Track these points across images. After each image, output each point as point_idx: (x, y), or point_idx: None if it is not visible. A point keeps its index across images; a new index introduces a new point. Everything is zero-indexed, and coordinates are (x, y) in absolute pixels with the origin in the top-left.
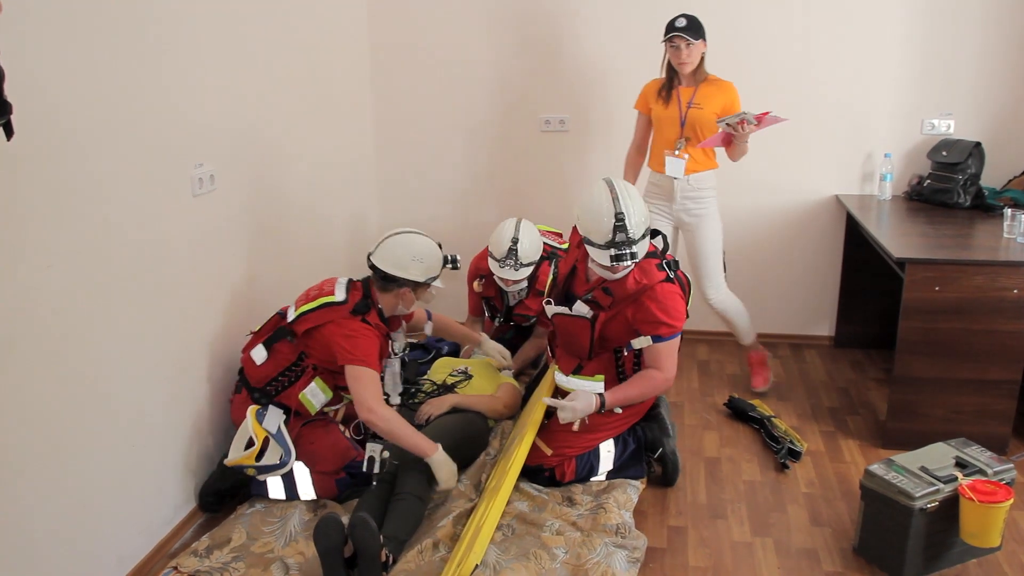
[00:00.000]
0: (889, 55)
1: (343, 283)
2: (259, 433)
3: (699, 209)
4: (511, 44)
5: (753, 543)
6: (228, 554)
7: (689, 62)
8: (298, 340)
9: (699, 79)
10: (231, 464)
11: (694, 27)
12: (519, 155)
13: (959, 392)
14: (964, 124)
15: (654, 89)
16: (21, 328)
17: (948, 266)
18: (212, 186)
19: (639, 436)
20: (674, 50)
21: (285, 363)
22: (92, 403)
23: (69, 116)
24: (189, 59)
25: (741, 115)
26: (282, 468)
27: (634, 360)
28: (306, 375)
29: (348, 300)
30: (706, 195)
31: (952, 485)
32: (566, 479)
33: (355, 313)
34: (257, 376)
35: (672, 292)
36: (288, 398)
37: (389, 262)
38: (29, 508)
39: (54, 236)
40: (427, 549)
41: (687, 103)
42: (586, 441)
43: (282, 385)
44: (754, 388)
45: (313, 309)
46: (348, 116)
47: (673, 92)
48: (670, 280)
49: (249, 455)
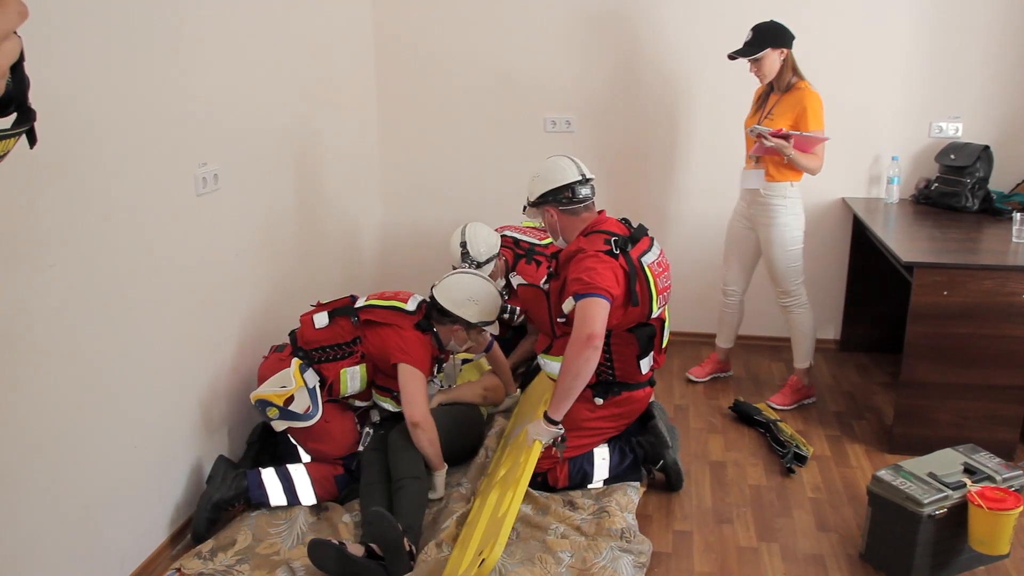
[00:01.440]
0: (897, 57)
1: (417, 299)
2: (298, 381)
3: (766, 217)
4: (516, 45)
5: (759, 548)
6: (232, 557)
7: (763, 75)
8: (360, 325)
9: (783, 88)
10: (256, 397)
11: (757, 41)
12: (524, 156)
13: (967, 397)
14: (972, 127)
15: (757, 95)
16: (24, 327)
17: (956, 270)
18: (216, 185)
19: (636, 449)
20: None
21: (340, 339)
22: (95, 403)
23: (72, 116)
24: (192, 58)
25: (755, 129)
26: (303, 421)
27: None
28: (354, 356)
29: (416, 314)
30: (776, 203)
31: (961, 492)
32: (559, 485)
33: (417, 327)
34: (311, 338)
35: (601, 260)
36: (328, 370)
37: (447, 297)
38: (32, 508)
39: (57, 235)
40: (431, 549)
41: (767, 113)
42: (573, 440)
43: (329, 356)
44: (771, 402)
45: (382, 307)
46: (352, 115)
47: (765, 100)
48: (611, 254)
49: (281, 394)
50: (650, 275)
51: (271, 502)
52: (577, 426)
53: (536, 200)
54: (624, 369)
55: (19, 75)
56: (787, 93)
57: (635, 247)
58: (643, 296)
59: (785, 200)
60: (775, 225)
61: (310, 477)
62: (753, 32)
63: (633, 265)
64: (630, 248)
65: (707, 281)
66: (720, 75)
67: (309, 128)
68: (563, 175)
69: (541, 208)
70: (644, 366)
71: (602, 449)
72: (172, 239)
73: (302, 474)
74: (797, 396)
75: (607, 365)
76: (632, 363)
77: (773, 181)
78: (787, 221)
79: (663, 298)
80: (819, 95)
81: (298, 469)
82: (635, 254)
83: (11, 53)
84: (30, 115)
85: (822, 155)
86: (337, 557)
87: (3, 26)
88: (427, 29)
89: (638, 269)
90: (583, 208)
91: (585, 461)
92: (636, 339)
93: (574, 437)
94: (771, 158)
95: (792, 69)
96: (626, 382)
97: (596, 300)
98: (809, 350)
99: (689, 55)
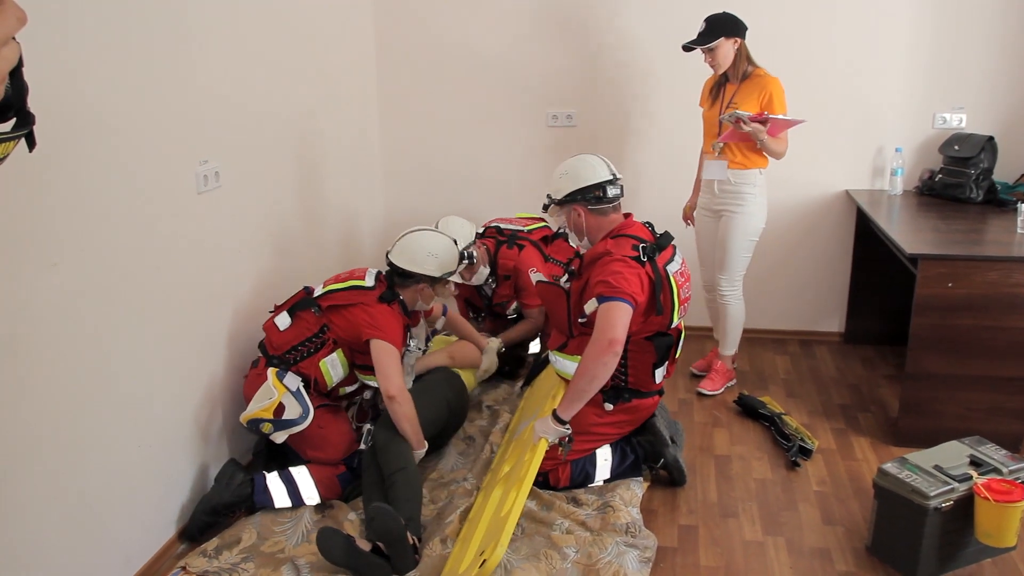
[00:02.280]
0: (899, 48)
1: (373, 272)
2: (279, 389)
3: (735, 204)
4: (518, 38)
5: (765, 542)
6: (237, 555)
7: (717, 64)
8: (322, 314)
9: (741, 76)
10: (246, 418)
11: (710, 31)
12: (526, 150)
13: (972, 389)
14: (976, 118)
15: (708, 87)
16: (27, 325)
17: (961, 262)
18: (217, 183)
19: (637, 449)
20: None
21: (307, 333)
22: (99, 401)
23: (73, 114)
24: (193, 56)
25: (733, 114)
26: (299, 425)
27: None
28: (327, 346)
29: (376, 288)
30: (746, 191)
31: (967, 484)
32: (561, 485)
33: (382, 300)
34: (278, 342)
35: (629, 265)
36: (307, 367)
37: (405, 258)
38: (36, 507)
39: (60, 233)
40: (435, 545)
41: (727, 102)
42: (578, 444)
43: (301, 354)
44: (701, 388)
45: (341, 289)
46: (353, 110)
47: (721, 91)
48: (638, 260)
49: (268, 407)
50: (675, 285)
51: (276, 505)
52: (584, 430)
53: (564, 198)
54: (638, 377)
55: (18, 80)
56: (745, 81)
57: (661, 255)
58: (667, 305)
59: (755, 188)
60: (743, 212)
61: (313, 478)
62: (706, 23)
63: (659, 274)
64: (657, 256)
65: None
66: None
67: (310, 125)
68: (594, 173)
69: (568, 207)
70: (659, 376)
71: (604, 450)
72: (174, 236)
73: (305, 476)
74: (725, 380)
75: (621, 371)
76: (647, 372)
77: (743, 169)
78: (754, 211)
79: (684, 308)
80: (780, 80)
81: (301, 471)
82: (660, 262)
83: (10, 59)
84: (29, 119)
85: (787, 140)
86: (345, 547)
87: (2, 31)
88: (428, 23)
89: (664, 278)
90: (612, 209)
91: (587, 462)
92: (655, 348)
93: (579, 441)
94: (740, 145)
95: (747, 58)
96: (638, 390)
97: (620, 305)
98: (738, 339)
99: None
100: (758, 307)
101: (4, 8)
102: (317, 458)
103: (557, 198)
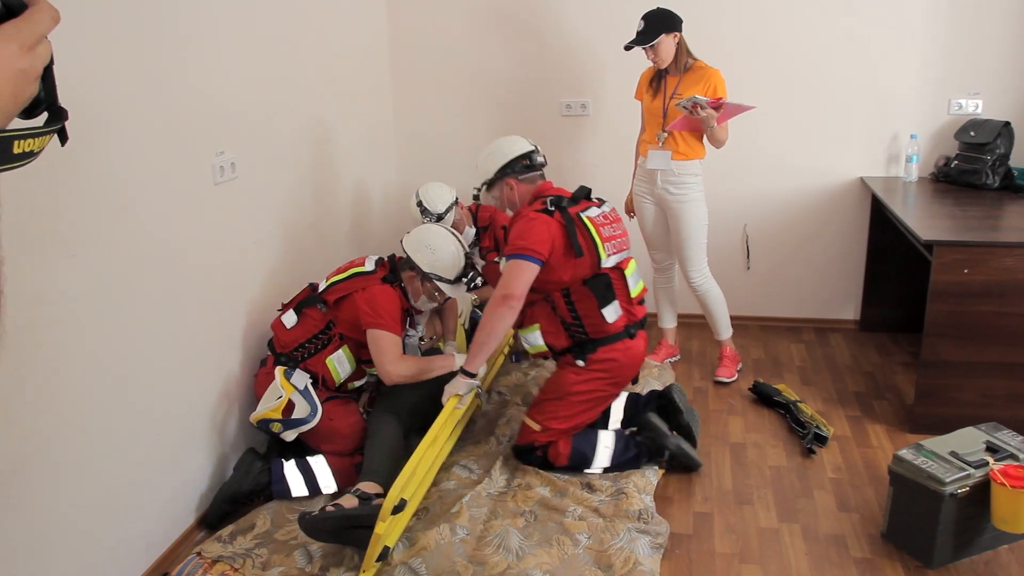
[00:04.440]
0: (914, 33)
1: (373, 258)
2: (287, 388)
3: (680, 194)
4: (531, 28)
5: (780, 529)
6: (251, 540)
7: (660, 60)
8: (328, 309)
9: (683, 68)
10: (256, 419)
11: (650, 29)
12: (540, 140)
13: (988, 376)
14: (992, 103)
15: (647, 79)
16: (46, 317)
17: (977, 248)
18: (233, 174)
19: (640, 445)
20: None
21: (314, 329)
22: (117, 392)
23: (90, 106)
24: (208, 46)
25: (692, 99)
26: (307, 424)
27: (566, 303)
28: (333, 343)
29: (377, 271)
30: (689, 181)
31: (983, 470)
32: (559, 462)
33: (384, 281)
34: (286, 340)
35: (533, 220)
36: (315, 364)
37: (409, 241)
38: (57, 498)
39: (77, 225)
40: (444, 533)
41: (670, 94)
42: (566, 409)
43: (309, 352)
44: (718, 376)
45: (343, 279)
46: (368, 100)
47: (661, 83)
48: (545, 211)
49: (276, 407)
50: (591, 225)
51: (293, 494)
52: (566, 392)
53: (496, 174)
54: (592, 323)
55: (50, 78)
56: (688, 72)
57: (575, 205)
58: (587, 246)
59: (696, 177)
60: (689, 202)
61: (331, 467)
62: (644, 21)
63: (570, 217)
64: (568, 205)
65: (722, 258)
66: (739, 56)
67: (325, 115)
68: (517, 147)
69: (500, 183)
70: (609, 315)
71: (607, 436)
72: (190, 227)
73: (322, 464)
74: (735, 363)
75: (576, 324)
76: (596, 314)
77: (685, 159)
78: (699, 197)
79: (612, 246)
80: (720, 71)
81: (318, 460)
82: (575, 210)
83: (44, 56)
84: (62, 114)
85: (728, 129)
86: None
87: (38, 30)
88: (442, 15)
89: (576, 221)
90: (539, 176)
91: (588, 445)
92: (591, 290)
93: (566, 406)
94: (684, 135)
95: (686, 51)
96: (600, 337)
97: (521, 263)
98: (727, 320)
99: (701, 32)
100: (773, 295)
101: (39, 7)
102: (331, 451)
103: (489, 177)
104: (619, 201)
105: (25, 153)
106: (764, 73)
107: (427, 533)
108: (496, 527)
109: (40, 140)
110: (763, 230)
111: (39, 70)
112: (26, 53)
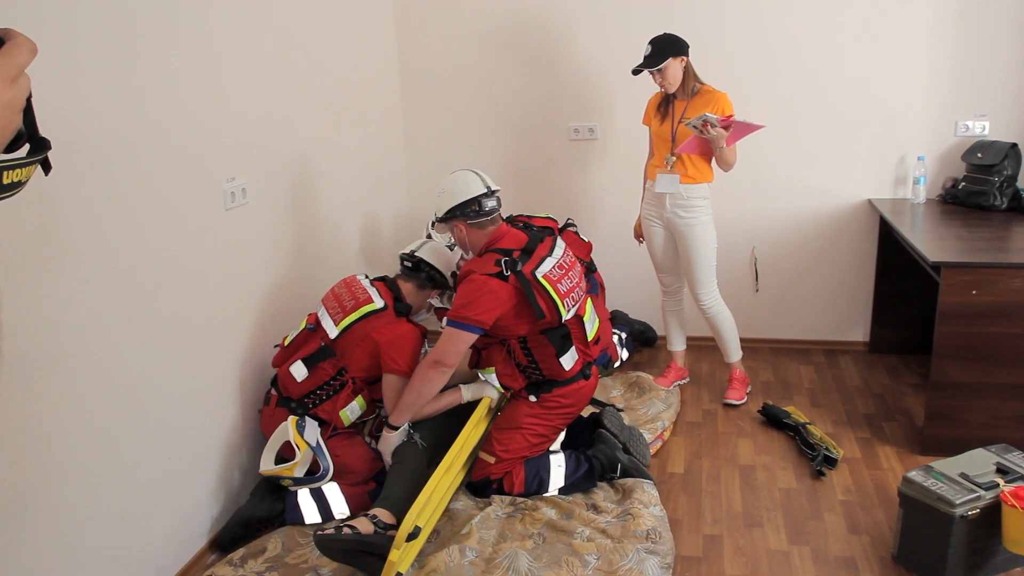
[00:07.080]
0: (921, 55)
1: (373, 290)
2: (301, 444)
3: (690, 218)
4: (540, 53)
5: (790, 551)
6: (262, 564)
7: (667, 84)
8: (339, 356)
9: (690, 92)
10: (266, 474)
11: (658, 53)
12: (548, 163)
13: (998, 397)
14: (999, 125)
15: (654, 105)
16: (61, 341)
17: (985, 269)
18: (244, 199)
19: (592, 460)
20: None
21: (325, 377)
22: (129, 416)
23: (101, 133)
24: (219, 74)
25: (703, 117)
26: (319, 482)
27: (522, 348)
28: (346, 390)
29: (387, 305)
30: (697, 204)
31: (993, 492)
32: (515, 490)
33: (399, 315)
34: (296, 392)
35: (484, 283)
36: (325, 412)
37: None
38: (70, 518)
39: (91, 251)
40: (454, 555)
41: (679, 118)
42: (518, 441)
43: (319, 399)
44: (726, 399)
45: (355, 321)
46: (378, 126)
47: (669, 108)
48: (500, 276)
49: (290, 467)
50: (548, 285)
51: (306, 522)
52: (518, 425)
53: (444, 216)
54: (549, 367)
55: (29, 110)
56: (695, 97)
57: (531, 259)
58: (548, 307)
59: (705, 201)
60: (698, 225)
61: (344, 495)
62: (652, 45)
63: (527, 280)
64: (522, 266)
65: (731, 280)
66: (747, 77)
67: (335, 141)
68: (468, 188)
69: (450, 223)
70: (566, 363)
71: (558, 457)
72: (201, 253)
73: (336, 492)
74: (745, 386)
75: (533, 367)
76: (553, 362)
77: (694, 183)
78: (707, 220)
79: (571, 299)
80: (727, 95)
81: (332, 488)
82: (529, 268)
83: (26, 88)
84: (44, 145)
85: (736, 152)
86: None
87: (19, 62)
88: (451, 41)
89: (533, 283)
90: (489, 221)
91: (541, 468)
92: (549, 340)
93: (520, 438)
94: (692, 158)
95: (693, 75)
96: (555, 379)
97: (460, 332)
98: (737, 343)
99: (708, 55)
100: (782, 318)
101: (16, 42)
102: (342, 484)
103: (439, 216)
104: (628, 225)
105: (14, 183)
106: (771, 96)
107: (437, 555)
108: (505, 549)
109: (27, 170)
110: (772, 253)
111: (22, 101)
112: (9, 86)
